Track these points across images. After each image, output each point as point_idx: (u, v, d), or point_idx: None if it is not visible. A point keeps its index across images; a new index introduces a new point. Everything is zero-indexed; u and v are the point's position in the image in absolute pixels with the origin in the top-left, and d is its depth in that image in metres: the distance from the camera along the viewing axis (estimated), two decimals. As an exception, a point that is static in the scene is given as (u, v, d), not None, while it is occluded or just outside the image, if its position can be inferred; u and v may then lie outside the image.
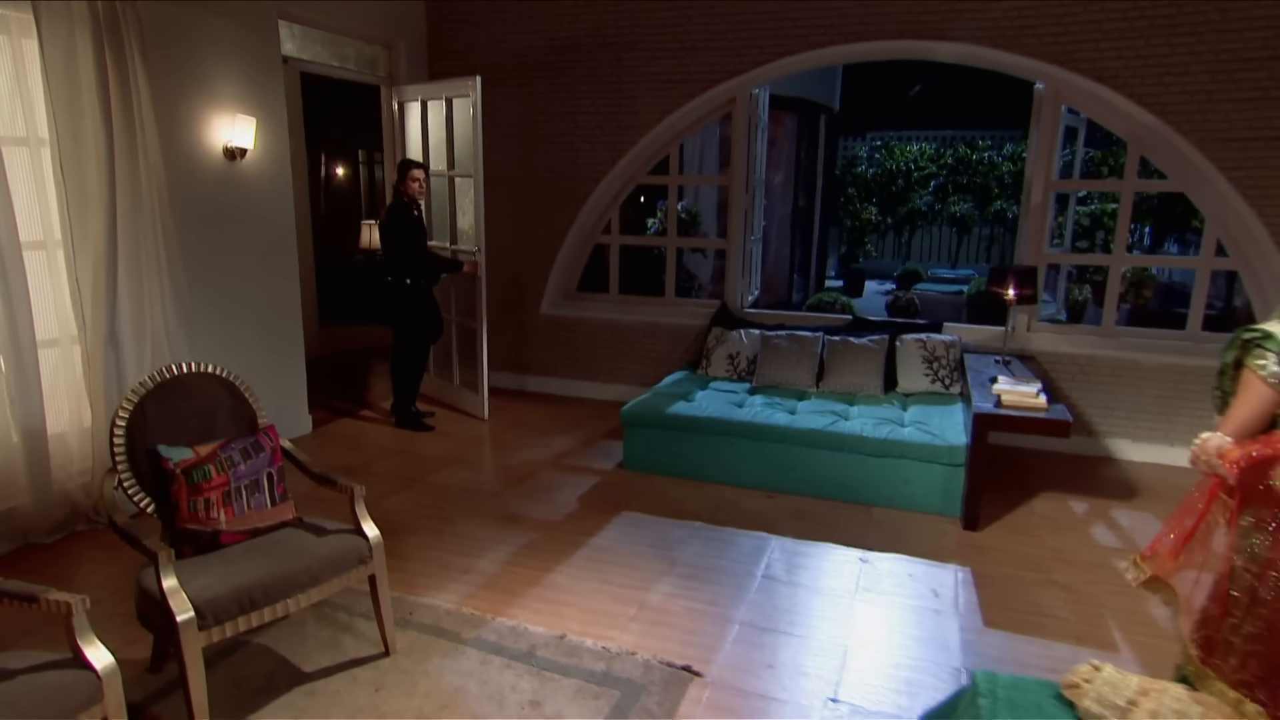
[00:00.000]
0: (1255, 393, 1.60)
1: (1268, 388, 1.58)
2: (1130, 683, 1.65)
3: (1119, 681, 1.65)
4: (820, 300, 7.24)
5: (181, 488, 2.35)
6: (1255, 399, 1.60)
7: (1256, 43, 4.00)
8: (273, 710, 2.31)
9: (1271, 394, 1.58)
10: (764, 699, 2.42)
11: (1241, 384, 1.64)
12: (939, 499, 3.80)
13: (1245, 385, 1.63)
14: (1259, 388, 1.59)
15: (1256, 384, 1.60)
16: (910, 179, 13.36)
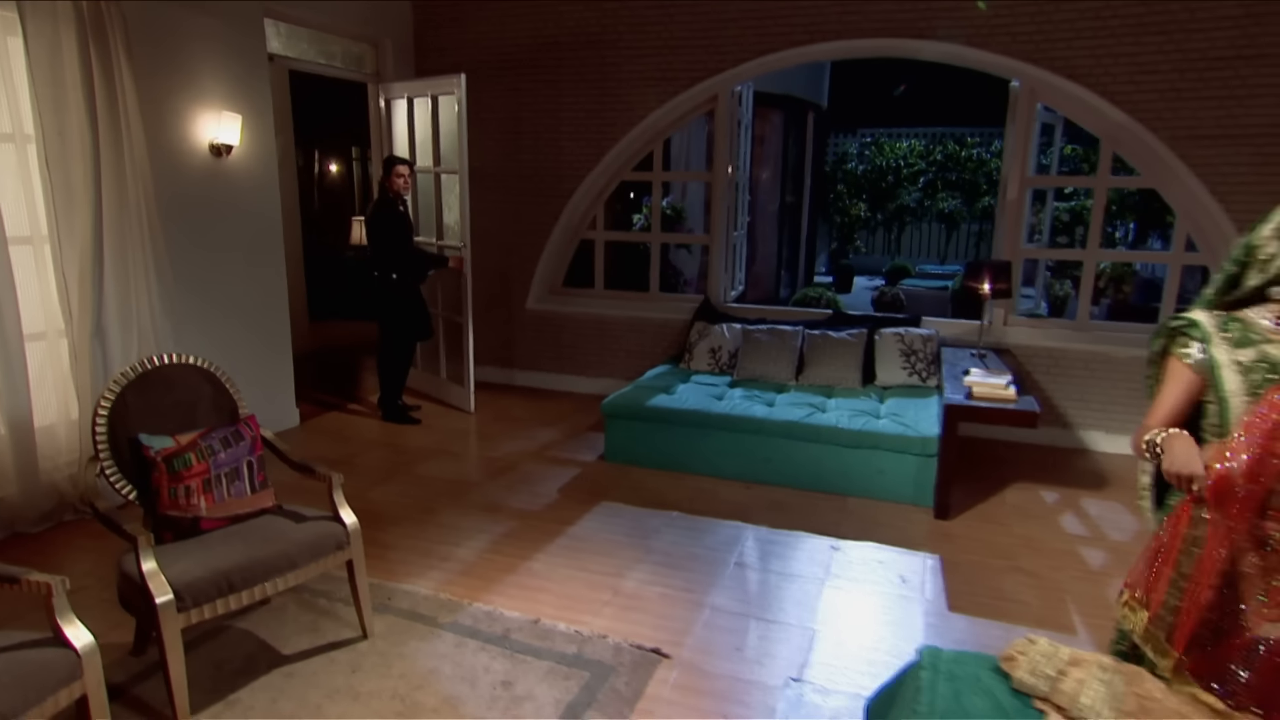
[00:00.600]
0: (1180, 378, 1.67)
1: (1192, 373, 1.65)
2: (1062, 654, 1.73)
3: (1051, 653, 1.73)
4: (805, 295, 7.32)
5: (162, 475, 2.41)
6: (1180, 385, 1.67)
7: (1223, 42, 4.08)
8: (251, 691, 2.39)
9: (1195, 378, 1.64)
10: (729, 679, 2.50)
11: (1167, 371, 1.71)
12: (912, 489, 3.88)
13: (1170, 372, 1.69)
14: (1183, 373, 1.66)
15: (1180, 369, 1.66)
16: (900, 175, 13.46)
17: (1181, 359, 1.67)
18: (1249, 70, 4.07)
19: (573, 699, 2.37)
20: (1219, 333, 1.64)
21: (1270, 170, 4.05)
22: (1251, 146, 4.13)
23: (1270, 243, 1.60)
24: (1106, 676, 1.65)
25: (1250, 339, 1.62)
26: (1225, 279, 1.70)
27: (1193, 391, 1.66)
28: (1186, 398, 1.67)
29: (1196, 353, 1.64)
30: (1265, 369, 1.59)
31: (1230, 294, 1.68)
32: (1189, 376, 1.66)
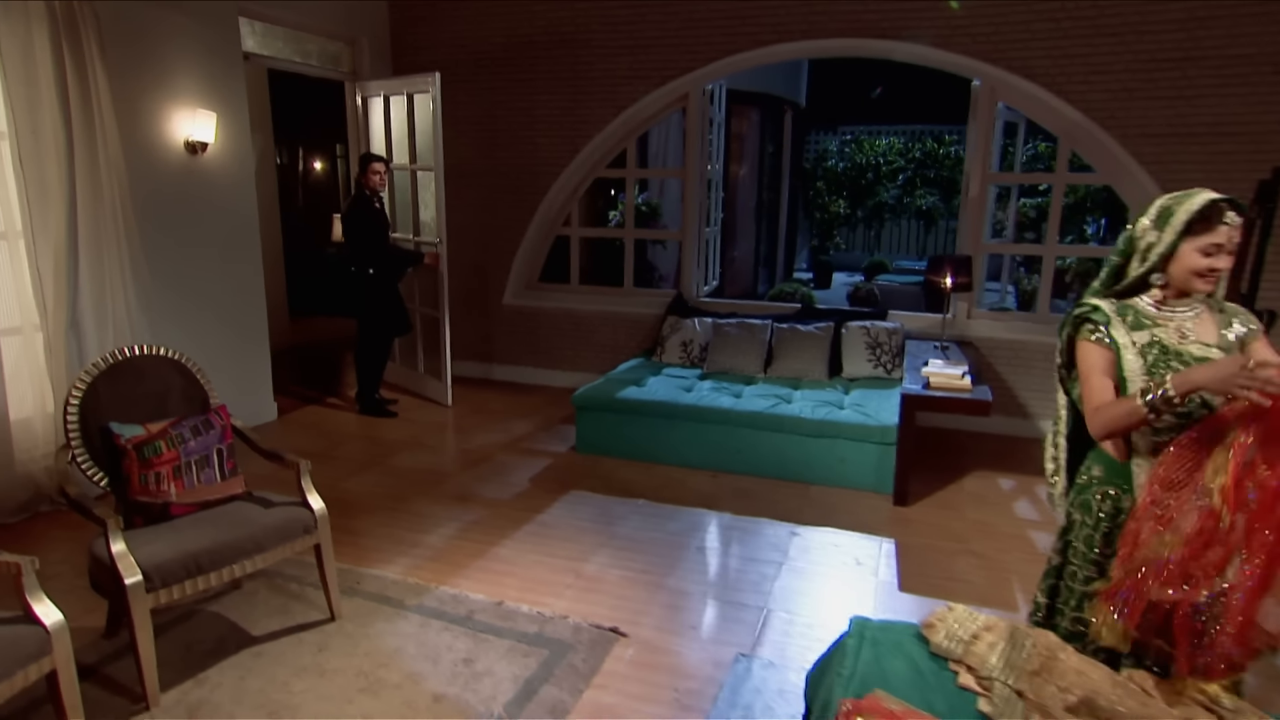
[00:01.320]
0: (1099, 356, 1.75)
1: (1102, 347, 1.74)
2: (978, 620, 1.84)
3: (967, 619, 1.84)
4: (781, 291, 7.44)
5: (133, 462, 2.49)
6: (1103, 361, 1.73)
7: (1171, 44, 4.22)
8: (220, 670, 2.47)
9: (1107, 351, 1.73)
10: (682, 656, 2.61)
11: (1080, 357, 1.80)
12: (872, 476, 4.00)
13: (1084, 356, 1.78)
14: (1095, 350, 1.75)
15: (1091, 349, 1.75)
16: (879, 173, 13.63)
17: (1093, 340, 1.76)
18: (1195, 71, 4.21)
19: (530, 675, 2.47)
20: (1119, 319, 1.76)
21: (1216, 167, 4.19)
22: (1199, 145, 4.27)
23: (1149, 233, 1.72)
24: (1016, 639, 1.77)
25: (1142, 323, 1.74)
26: (1111, 270, 1.82)
27: (1112, 367, 1.74)
28: (1112, 371, 1.73)
29: (1104, 333, 1.75)
30: (1158, 351, 1.71)
31: (1118, 284, 1.80)
32: (1105, 353, 1.74)
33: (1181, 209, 1.66)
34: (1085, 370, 1.77)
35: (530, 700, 2.35)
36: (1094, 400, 1.72)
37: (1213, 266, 1.65)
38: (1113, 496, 1.82)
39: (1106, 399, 1.70)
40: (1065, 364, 1.87)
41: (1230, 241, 1.64)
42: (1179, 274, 1.70)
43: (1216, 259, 1.65)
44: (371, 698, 2.35)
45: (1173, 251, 1.68)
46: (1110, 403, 1.69)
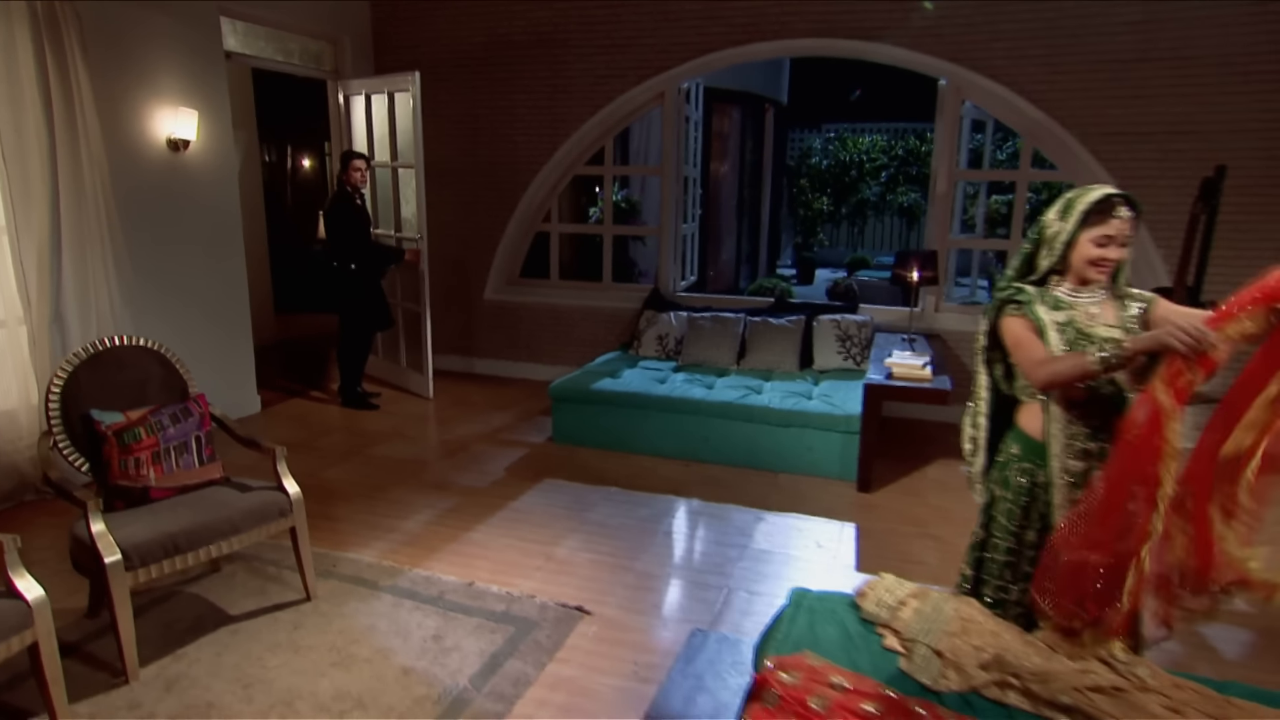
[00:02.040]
0: (1022, 326, 1.85)
1: (1027, 320, 1.85)
2: (905, 588, 1.97)
3: (895, 588, 1.97)
4: (760, 286, 7.56)
5: (113, 448, 2.59)
6: (1024, 328, 1.85)
7: (1127, 46, 4.36)
8: (198, 646, 2.58)
9: (1032, 324, 1.85)
10: (643, 632, 2.73)
11: (1008, 332, 1.89)
12: (838, 464, 4.13)
13: (1012, 329, 1.87)
14: (1022, 322, 1.85)
15: (1018, 322, 1.86)
16: (862, 170, 13.78)
17: (1018, 316, 1.87)
18: (1150, 72, 4.35)
19: (496, 649, 2.58)
20: (1038, 299, 1.88)
21: (1169, 165, 4.33)
22: (1153, 143, 4.41)
23: (1055, 223, 1.85)
24: (939, 605, 1.89)
25: (1060, 304, 1.87)
26: (1023, 259, 1.94)
27: (1033, 332, 1.84)
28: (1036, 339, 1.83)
29: (1029, 311, 1.87)
30: (1074, 330, 1.84)
31: (1030, 273, 1.93)
32: (1031, 324, 1.85)
33: (1081, 201, 1.79)
34: (1018, 339, 1.86)
35: (495, 673, 2.46)
36: (1036, 355, 1.81)
37: (1104, 257, 1.78)
38: (1029, 471, 1.94)
39: (1045, 355, 1.79)
40: (988, 345, 2.00)
41: (1121, 234, 1.77)
42: (1077, 262, 1.82)
43: (1108, 250, 1.78)
44: (343, 671, 2.46)
45: (1072, 240, 1.81)
46: (1057, 356, 1.78)
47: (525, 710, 2.31)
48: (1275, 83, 4.16)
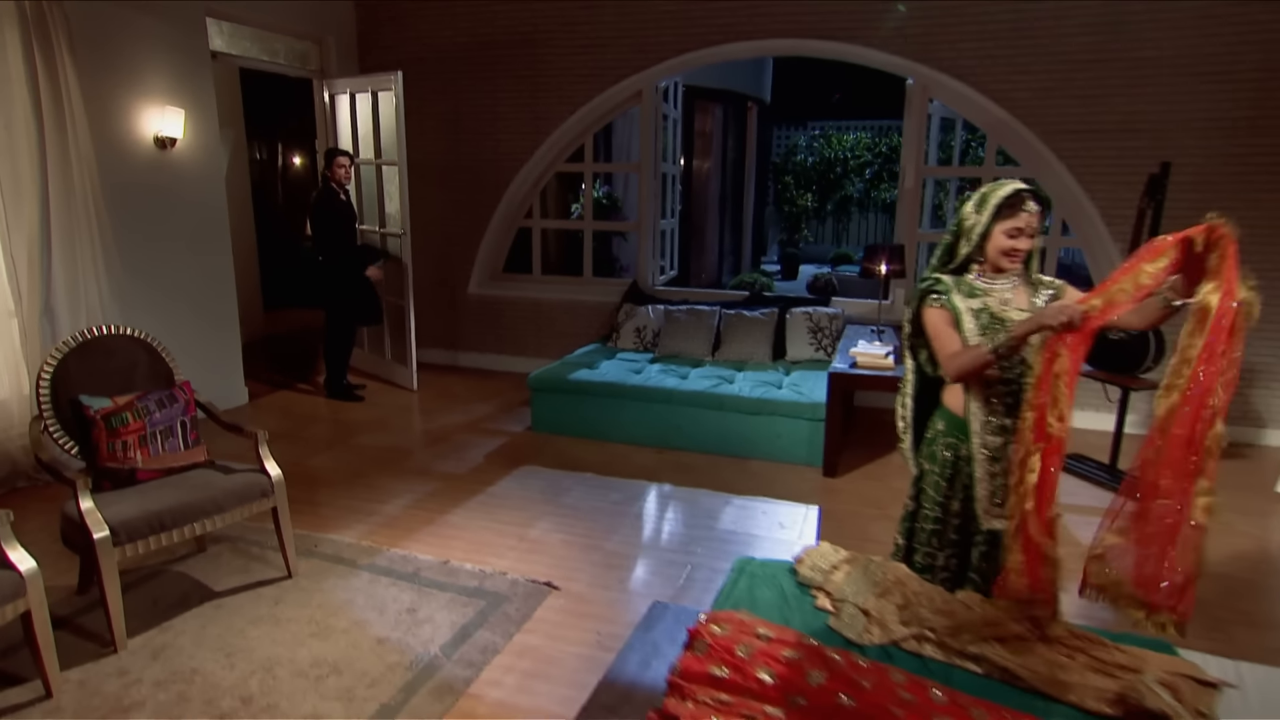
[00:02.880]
0: (940, 317, 2.01)
1: (945, 310, 2.01)
2: (839, 555, 2.13)
3: (829, 554, 2.13)
4: (741, 280, 7.71)
5: (101, 432, 2.72)
6: (942, 320, 2.01)
7: (1084, 47, 4.51)
8: (184, 619, 2.71)
9: (949, 314, 2.00)
10: (608, 605, 2.87)
11: (928, 322, 2.06)
12: (805, 451, 4.28)
13: (931, 319, 2.04)
14: (940, 313, 2.01)
15: (937, 313, 2.02)
16: (847, 167, 13.95)
17: (937, 306, 2.04)
18: (1106, 72, 4.51)
19: (467, 621, 2.73)
20: (955, 288, 2.03)
21: (1125, 162, 4.49)
22: (1109, 141, 4.57)
23: (971, 215, 2.00)
24: (868, 569, 2.05)
25: (975, 292, 2.02)
26: (944, 249, 2.09)
27: (950, 323, 2.01)
28: (952, 329, 2.00)
29: (946, 300, 2.02)
30: (987, 317, 1.99)
31: (951, 262, 2.08)
32: (948, 315, 2.01)
33: (994, 196, 1.94)
34: (935, 329, 2.03)
35: (465, 642, 2.61)
36: (949, 349, 1.98)
37: (1015, 247, 1.94)
38: (953, 446, 2.10)
39: (957, 348, 1.97)
40: (913, 333, 2.15)
41: (1030, 226, 1.92)
42: (992, 252, 1.98)
43: (1019, 240, 1.94)
44: (321, 641, 2.60)
45: (987, 232, 1.96)
46: (963, 350, 1.95)
47: (492, 676, 2.45)
48: (1221, 83, 4.33)
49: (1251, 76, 4.28)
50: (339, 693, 2.34)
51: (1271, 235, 4.40)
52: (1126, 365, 3.93)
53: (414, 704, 2.30)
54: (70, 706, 2.25)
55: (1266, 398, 4.57)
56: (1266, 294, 4.84)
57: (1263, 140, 4.32)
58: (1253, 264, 4.77)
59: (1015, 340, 1.82)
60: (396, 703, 2.30)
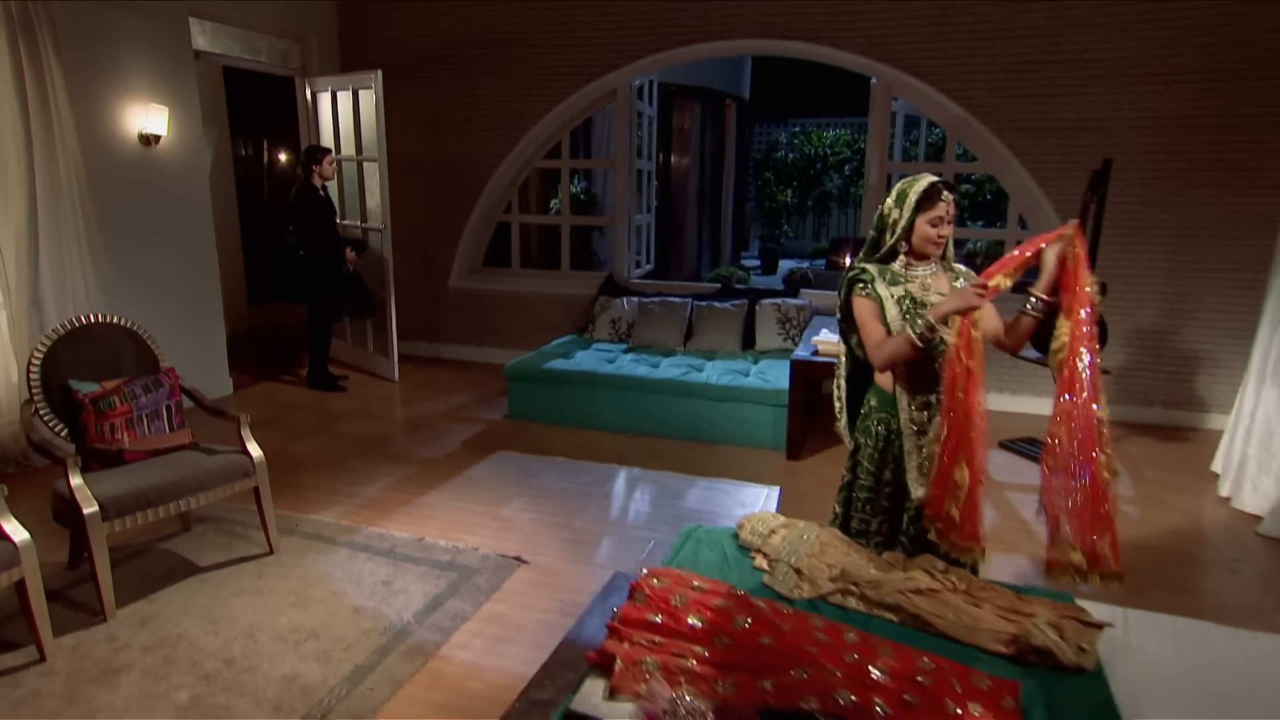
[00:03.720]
0: (866, 307, 2.20)
1: (871, 300, 2.19)
2: (777, 520, 2.31)
3: (768, 520, 2.31)
4: (718, 274, 7.89)
5: (89, 414, 2.87)
6: (874, 310, 2.20)
7: (1036, 48, 4.72)
8: (170, 592, 2.87)
9: (874, 303, 2.19)
10: (573, 577, 3.05)
11: (856, 311, 2.24)
12: (770, 435, 4.47)
13: (859, 309, 2.23)
14: (866, 303, 2.20)
15: (863, 302, 2.20)
16: (827, 163, 14.17)
17: (863, 295, 2.22)
18: (1057, 72, 4.71)
19: (439, 592, 2.90)
20: (880, 277, 2.22)
21: (1075, 157, 4.69)
22: (1061, 138, 4.78)
23: (893, 211, 2.18)
24: (803, 533, 2.23)
25: (897, 280, 2.20)
26: (871, 241, 2.28)
27: (877, 312, 2.20)
28: (877, 318, 2.18)
29: (871, 289, 2.21)
30: (909, 301, 2.17)
31: (877, 252, 2.26)
32: (873, 304, 2.19)
33: (912, 191, 2.12)
34: (862, 319, 2.22)
35: (436, 610, 2.78)
36: (874, 339, 2.16)
37: (940, 234, 2.12)
38: (885, 421, 2.28)
39: (883, 337, 2.14)
40: (844, 319, 2.33)
41: (948, 214, 2.11)
42: (919, 241, 2.16)
43: (941, 228, 2.12)
44: (300, 610, 2.76)
45: (911, 224, 2.14)
46: (886, 340, 2.13)
47: (461, 640, 2.62)
48: (1164, 84, 4.54)
49: (1192, 77, 4.49)
50: (316, 655, 2.50)
51: (1210, 228, 4.62)
52: (1072, 352, 4.13)
53: (387, 665, 2.46)
54: (63, 669, 2.41)
55: (1209, 384, 4.80)
56: (1200, 283, 5.11)
57: (1203, 138, 4.53)
58: (1193, 255, 5.04)
59: (930, 326, 2.00)
60: (370, 663, 2.47)
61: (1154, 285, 4.82)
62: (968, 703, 1.59)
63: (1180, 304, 4.79)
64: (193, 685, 2.34)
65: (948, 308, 1.98)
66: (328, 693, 2.32)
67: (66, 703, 2.25)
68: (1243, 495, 3.66)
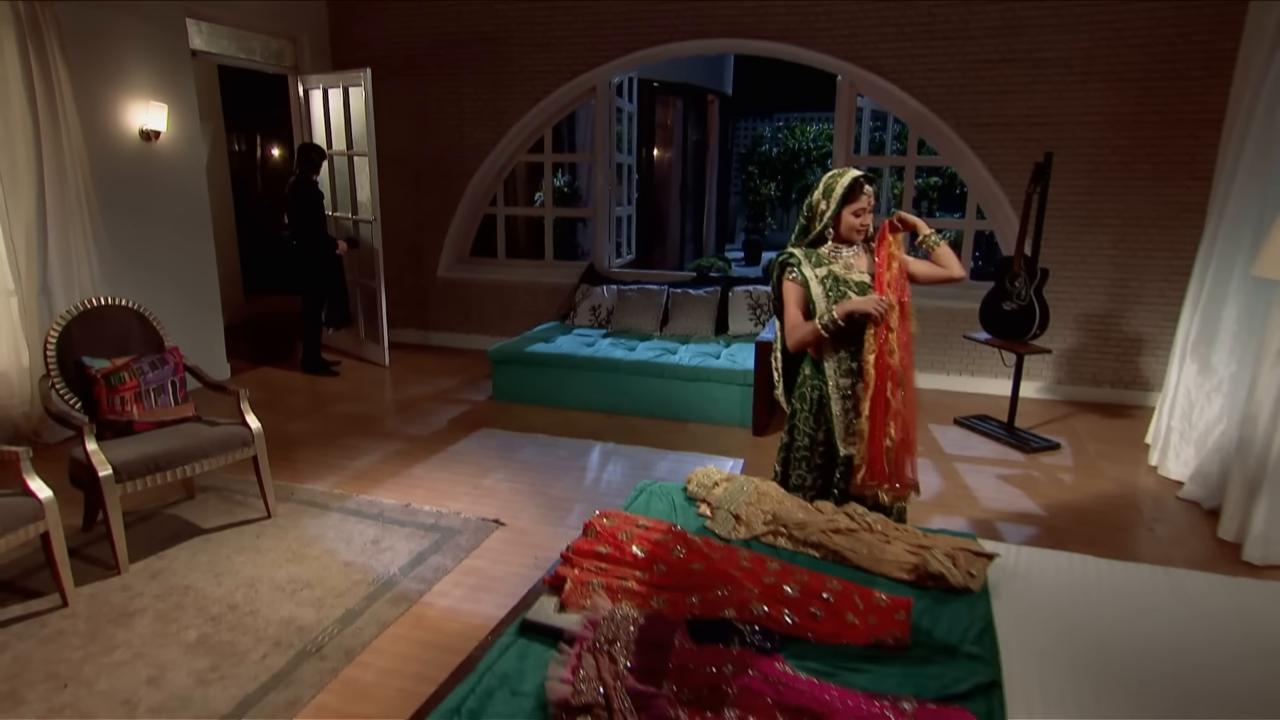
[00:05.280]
0: (795, 292, 2.50)
1: (796, 284, 2.49)
2: (720, 474, 2.59)
3: (713, 473, 2.59)
4: (699, 265, 8.16)
5: (101, 389, 3.13)
6: (797, 295, 2.50)
7: (990, 48, 4.99)
8: (176, 550, 3.14)
9: (799, 287, 2.48)
10: (546, 536, 3.33)
11: (785, 291, 2.53)
12: (738, 413, 4.75)
13: (785, 292, 2.52)
14: (792, 287, 2.50)
15: (790, 286, 2.50)
16: (810, 157, 14.45)
17: (792, 281, 2.51)
18: (1011, 71, 4.99)
19: (423, 549, 3.17)
20: (806, 261, 2.50)
21: (1027, 151, 4.96)
22: (1014, 133, 5.06)
23: (820, 202, 2.46)
24: (743, 485, 2.52)
25: (823, 262, 2.49)
26: (800, 228, 2.56)
27: (804, 299, 2.51)
28: (804, 304, 2.50)
29: (798, 274, 2.49)
30: (832, 281, 2.46)
31: (806, 238, 2.54)
32: (798, 289, 2.50)
33: (839, 186, 2.40)
34: (785, 302, 2.52)
35: (420, 565, 3.05)
36: (790, 323, 2.51)
37: (862, 223, 2.41)
38: (817, 387, 2.56)
39: (797, 323, 2.48)
40: (776, 299, 2.61)
41: (868, 204, 2.40)
42: (845, 230, 2.45)
43: (863, 217, 2.41)
44: (296, 564, 3.03)
45: (838, 215, 2.43)
46: (798, 325, 2.48)
47: (442, 590, 2.90)
48: (1107, 82, 4.83)
49: (1134, 76, 4.77)
50: (311, 601, 2.78)
51: (1151, 218, 4.92)
52: (1017, 333, 4.43)
53: (375, 609, 2.74)
54: (84, 613, 2.68)
55: (1152, 364, 5.10)
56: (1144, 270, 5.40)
57: (1144, 133, 4.82)
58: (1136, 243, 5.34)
59: (836, 321, 2.37)
60: (360, 608, 2.75)
61: (1101, 272, 5.12)
62: (866, 615, 1.88)
63: (1125, 289, 5.09)
64: (201, 626, 2.62)
65: (851, 307, 2.34)
66: (321, 631, 2.60)
67: (89, 639, 2.53)
68: (1168, 464, 3.96)
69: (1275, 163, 3.36)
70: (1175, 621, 1.93)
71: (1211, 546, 3.29)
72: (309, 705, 2.25)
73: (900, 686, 1.66)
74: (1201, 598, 2.04)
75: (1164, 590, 2.08)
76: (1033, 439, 4.50)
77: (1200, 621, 1.93)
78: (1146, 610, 1.99)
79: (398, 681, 2.36)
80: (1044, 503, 3.73)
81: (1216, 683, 1.70)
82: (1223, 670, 1.75)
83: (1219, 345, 3.69)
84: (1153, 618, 1.95)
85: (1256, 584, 2.13)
